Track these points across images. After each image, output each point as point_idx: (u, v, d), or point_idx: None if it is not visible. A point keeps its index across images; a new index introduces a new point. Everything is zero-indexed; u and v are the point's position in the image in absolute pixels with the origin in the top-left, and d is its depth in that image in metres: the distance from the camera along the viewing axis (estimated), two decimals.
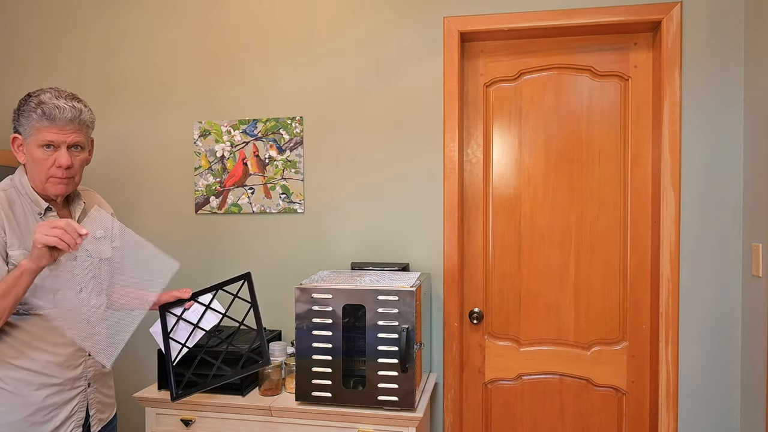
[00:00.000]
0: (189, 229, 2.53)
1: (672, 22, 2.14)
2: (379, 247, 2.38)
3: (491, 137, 2.40)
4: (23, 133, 1.59)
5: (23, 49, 2.67)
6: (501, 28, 2.25)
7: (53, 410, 1.60)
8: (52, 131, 1.57)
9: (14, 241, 1.55)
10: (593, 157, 2.32)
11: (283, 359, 2.14)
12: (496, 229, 2.40)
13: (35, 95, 1.60)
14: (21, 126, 1.59)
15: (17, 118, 1.61)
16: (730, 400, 2.16)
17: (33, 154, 1.58)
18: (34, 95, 1.60)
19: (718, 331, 2.16)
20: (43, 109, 1.56)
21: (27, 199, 1.61)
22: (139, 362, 2.58)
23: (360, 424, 1.90)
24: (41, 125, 1.57)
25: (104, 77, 2.60)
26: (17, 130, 1.61)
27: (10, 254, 1.54)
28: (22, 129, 1.59)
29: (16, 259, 1.54)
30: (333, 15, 2.40)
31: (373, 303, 1.89)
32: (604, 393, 2.34)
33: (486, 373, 2.41)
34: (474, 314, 2.40)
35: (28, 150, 1.59)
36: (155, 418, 2.06)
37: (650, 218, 2.29)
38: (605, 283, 2.32)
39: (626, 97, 2.29)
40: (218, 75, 2.50)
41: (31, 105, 1.57)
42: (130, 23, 2.57)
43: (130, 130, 2.58)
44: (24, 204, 1.60)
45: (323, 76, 2.41)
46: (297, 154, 2.42)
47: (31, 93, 1.62)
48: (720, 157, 2.14)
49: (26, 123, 1.58)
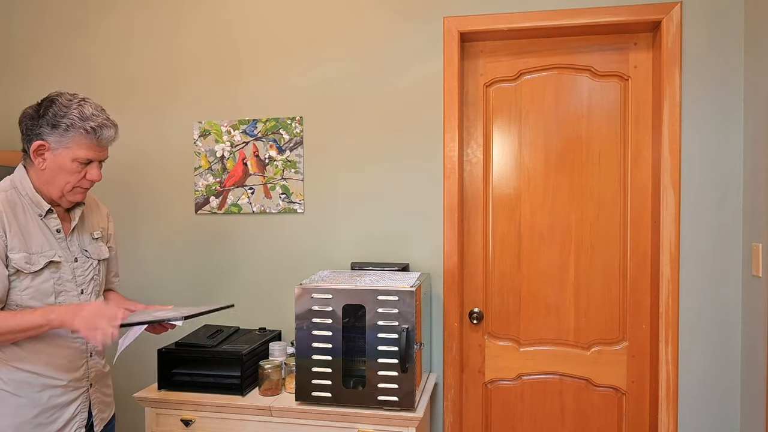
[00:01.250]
0: (189, 229, 2.53)
1: (672, 22, 2.14)
2: (379, 247, 2.38)
3: (491, 137, 2.40)
4: (53, 143, 1.54)
5: (23, 49, 2.67)
6: (501, 28, 2.25)
7: (57, 411, 1.60)
8: (94, 149, 1.57)
9: (15, 244, 1.53)
10: (593, 157, 2.32)
11: (283, 359, 2.14)
12: (496, 229, 2.40)
13: (74, 105, 1.55)
14: (53, 135, 1.53)
15: (48, 126, 1.53)
16: (730, 400, 2.16)
17: (62, 164, 1.55)
18: (73, 106, 1.55)
19: (718, 331, 2.16)
20: (91, 126, 1.55)
21: (28, 200, 1.59)
22: (139, 362, 2.58)
23: (360, 424, 1.90)
24: (85, 142, 1.55)
25: (104, 77, 2.60)
26: (42, 137, 1.54)
27: (11, 257, 1.52)
28: (54, 138, 1.53)
29: (16, 263, 1.52)
30: (333, 15, 2.40)
31: (373, 303, 1.89)
32: (604, 393, 2.34)
33: (486, 373, 2.41)
34: (474, 314, 2.40)
35: (56, 159, 1.55)
36: (155, 418, 2.06)
37: (650, 218, 2.29)
38: (605, 283, 2.32)
39: (626, 97, 2.29)
40: (218, 75, 2.50)
41: (74, 118, 1.53)
42: (130, 24, 2.57)
43: (130, 130, 2.58)
44: (25, 205, 1.58)
45: (323, 76, 2.41)
46: (297, 154, 2.42)
47: (61, 100, 1.55)
48: (720, 157, 2.14)
49: (64, 134, 1.53)
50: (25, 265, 1.53)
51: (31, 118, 1.56)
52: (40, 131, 1.54)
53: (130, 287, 2.58)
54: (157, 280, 2.56)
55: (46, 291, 1.57)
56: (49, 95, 1.59)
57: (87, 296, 1.68)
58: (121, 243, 2.58)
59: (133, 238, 2.57)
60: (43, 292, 1.57)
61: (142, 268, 2.57)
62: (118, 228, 2.58)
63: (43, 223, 1.60)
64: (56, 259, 1.59)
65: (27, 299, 1.53)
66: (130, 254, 2.58)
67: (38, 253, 1.56)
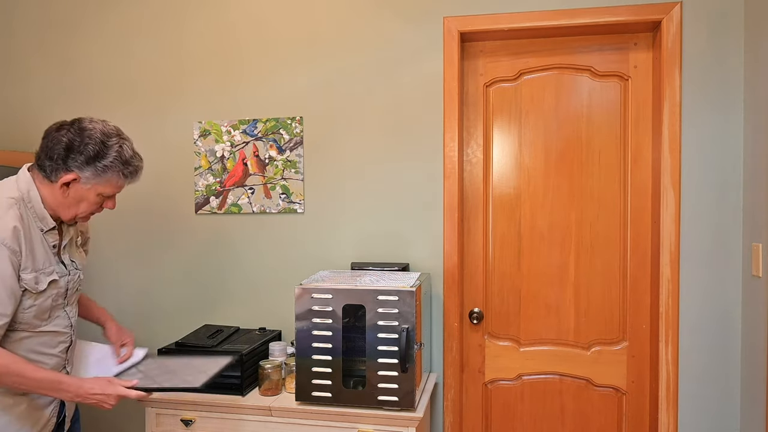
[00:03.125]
0: (189, 229, 2.53)
1: (672, 22, 2.14)
2: (379, 247, 2.38)
3: (491, 137, 2.40)
4: (85, 179, 1.53)
5: (24, 49, 2.67)
6: (501, 28, 2.25)
7: (36, 412, 1.61)
8: (121, 187, 1.60)
9: (27, 264, 1.50)
10: (593, 157, 2.32)
11: (283, 359, 2.14)
12: (496, 229, 2.40)
13: (114, 146, 1.54)
14: (87, 172, 1.52)
15: (85, 163, 1.52)
16: (730, 400, 2.16)
17: (86, 197, 1.56)
18: (113, 146, 1.54)
19: (718, 331, 2.16)
20: (129, 171, 1.57)
21: (33, 213, 1.54)
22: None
23: (360, 424, 1.90)
24: (118, 183, 1.58)
25: (104, 77, 2.60)
26: (76, 171, 1.52)
27: (22, 277, 1.49)
28: (87, 174, 1.53)
29: (26, 283, 1.49)
30: (333, 15, 2.40)
31: (373, 303, 1.89)
32: (604, 393, 2.34)
33: (486, 373, 2.41)
34: (474, 314, 2.40)
35: (80, 191, 1.55)
36: (155, 418, 2.06)
37: (650, 218, 2.29)
38: (605, 283, 2.32)
39: (626, 97, 2.29)
40: (218, 75, 2.50)
41: (115, 161, 1.54)
42: (130, 24, 2.57)
43: (131, 130, 2.58)
44: (30, 219, 1.54)
45: (323, 76, 2.41)
46: (297, 154, 2.42)
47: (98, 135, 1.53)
48: (720, 157, 2.14)
49: (100, 174, 1.53)
50: (34, 285, 1.51)
51: (66, 148, 1.51)
52: (75, 165, 1.52)
53: (130, 287, 2.58)
54: (157, 280, 2.56)
55: (45, 308, 1.57)
56: (84, 125, 1.55)
57: (71, 308, 1.68)
58: (121, 243, 2.58)
59: (133, 238, 2.57)
60: (43, 309, 1.56)
61: (142, 268, 2.57)
62: (118, 228, 2.58)
63: (43, 237, 1.57)
64: (55, 277, 1.58)
65: (30, 317, 1.53)
66: (130, 254, 2.58)
67: (42, 271, 1.54)
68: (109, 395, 1.54)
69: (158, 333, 2.56)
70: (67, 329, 1.65)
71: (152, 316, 2.57)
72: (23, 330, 1.53)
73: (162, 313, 2.56)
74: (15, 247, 1.45)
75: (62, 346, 1.64)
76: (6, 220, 1.45)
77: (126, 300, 2.58)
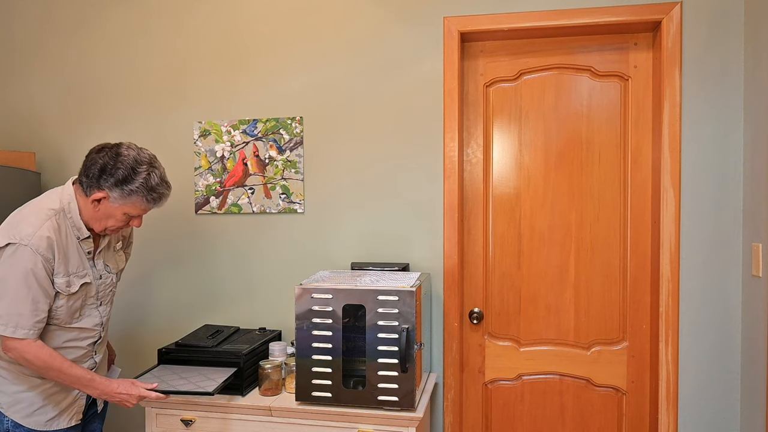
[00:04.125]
0: (189, 229, 2.53)
1: (672, 22, 2.14)
2: (379, 247, 2.38)
3: (491, 137, 2.40)
4: (113, 199, 1.69)
5: (23, 49, 2.67)
6: (501, 28, 2.25)
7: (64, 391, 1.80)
8: (146, 210, 1.76)
9: (60, 269, 1.67)
10: (593, 157, 2.32)
11: (283, 359, 2.14)
12: (496, 229, 2.40)
13: (142, 173, 1.69)
14: (115, 192, 1.68)
15: (114, 185, 1.67)
16: (730, 400, 2.16)
17: (113, 214, 1.72)
18: (141, 173, 1.68)
19: (718, 331, 2.16)
20: (153, 197, 1.72)
21: (71, 223, 1.72)
22: (140, 362, 2.58)
23: (360, 424, 1.90)
24: (142, 206, 1.73)
25: (104, 77, 2.60)
26: (106, 190, 1.68)
27: (55, 281, 1.66)
28: (115, 195, 1.68)
29: (58, 286, 1.67)
30: (333, 15, 2.40)
31: (373, 303, 1.89)
32: (604, 393, 2.34)
33: (486, 373, 2.41)
34: (474, 314, 2.40)
35: (109, 209, 1.71)
36: (155, 418, 2.06)
37: (650, 218, 2.29)
38: (605, 283, 2.32)
39: (626, 97, 2.29)
40: (218, 75, 2.50)
41: (140, 187, 1.68)
42: (130, 24, 2.57)
43: (131, 130, 2.58)
44: (68, 227, 1.71)
45: (323, 76, 2.41)
46: (297, 154, 2.42)
47: (130, 161, 1.68)
48: (720, 157, 2.14)
49: (126, 197, 1.69)
50: (65, 288, 1.69)
51: (101, 169, 1.68)
52: (106, 185, 1.68)
53: (130, 288, 2.58)
54: (157, 280, 2.56)
55: (75, 308, 1.75)
56: (120, 150, 1.70)
57: (105, 307, 1.86)
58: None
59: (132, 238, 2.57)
60: (73, 309, 1.74)
61: (142, 268, 2.57)
62: None
63: (79, 244, 1.74)
64: (87, 280, 1.75)
65: (62, 314, 1.71)
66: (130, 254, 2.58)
67: (75, 274, 1.72)
68: (132, 395, 1.75)
69: (158, 333, 2.56)
70: (96, 327, 1.83)
71: (152, 316, 2.57)
72: (55, 325, 1.71)
73: (162, 313, 2.56)
74: (48, 255, 1.64)
75: (89, 341, 1.82)
76: (42, 231, 1.63)
77: (126, 300, 2.58)
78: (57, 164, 2.64)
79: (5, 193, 2.28)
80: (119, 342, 2.59)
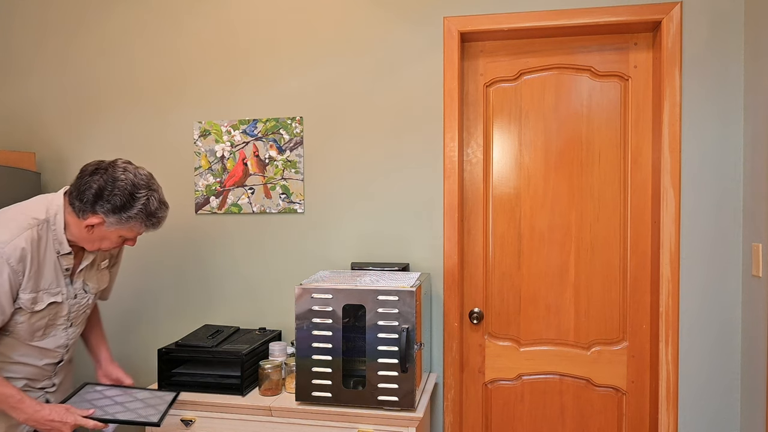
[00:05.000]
0: (189, 229, 2.53)
1: (672, 22, 2.14)
2: (379, 247, 2.38)
3: (491, 137, 2.40)
4: (109, 224, 1.60)
5: (23, 50, 2.68)
6: (501, 28, 2.25)
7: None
8: (141, 233, 1.68)
9: (28, 285, 1.57)
10: (593, 157, 2.32)
11: (283, 359, 2.14)
12: (496, 229, 2.40)
13: (142, 198, 1.59)
14: (112, 218, 1.59)
15: (110, 211, 1.58)
16: (730, 400, 2.16)
17: (108, 237, 1.64)
18: (140, 198, 1.59)
19: (718, 331, 2.16)
20: (152, 223, 1.64)
21: (53, 235, 1.61)
22: (139, 362, 2.58)
23: (360, 424, 1.90)
24: (140, 230, 1.65)
25: (104, 77, 2.60)
26: (101, 215, 1.59)
27: (20, 296, 1.56)
28: (112, 220, 1.60)
29: (23, 302, 1.56)
30: (333, 15, 2.40)
31: (373, 303, 1.89)
32: (604, 393, 2.34)
33: (486, 373, 2.41)
34: (474, 314, 2.40)
35: (104, 232, 1.62)
36: None
37: (650, 218, 2.29)
38: (605, 283, 2.32)
39: (626, 97, 2.29)
40: (218, 75, 2.50)
41: (139, 213, 1.60)
42: (130, 24, 2.57)
43: (131, 130, 2.58)
44: (48, 240, 1.60)
45: (323, 76, 2.41)
46: (297, 154, 2.42)
47: (127, 186, 1.58)
48: (720, 157, 2.14)
49: (124, 223, 1.60)
50: (30, 305, 1.58)
51: (96, 194, 1.57)
52: (102, 211, 1.59)
53: (130, 288, 2.58)
54: (156, 280, 2.56)
55: (39, 327, 1.63)
56: (117, 174, 1.59)
57: (74, 329, 1.74)
58: None
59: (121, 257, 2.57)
60: (36, 327, 1.62)
61: (141, 268, 2.57)
62: None
63: (57, 260, 1.63)
64: (58, 299, 1.64)
65: (21, 331, 1.59)
66: (130, 254, 2.58)
67: (45, 290, 1.61)
68: (66, 423, 1.57)
69: (158, 333, 2.56)
70: (59, 349, 1.72)
71: (152, 316, 2.57)
72: (12, 338, 1.59)
73: (162, 313, 2.56)
74: (18, 267, 1.53)
75: (48, 361, 1.69)
76: (18, 241, 1.53)
77: (126, 300, 2.58)
78: (57, 164, 2.64)
79: (5, 193, 2.28)
80: (119, 342, 2.59)
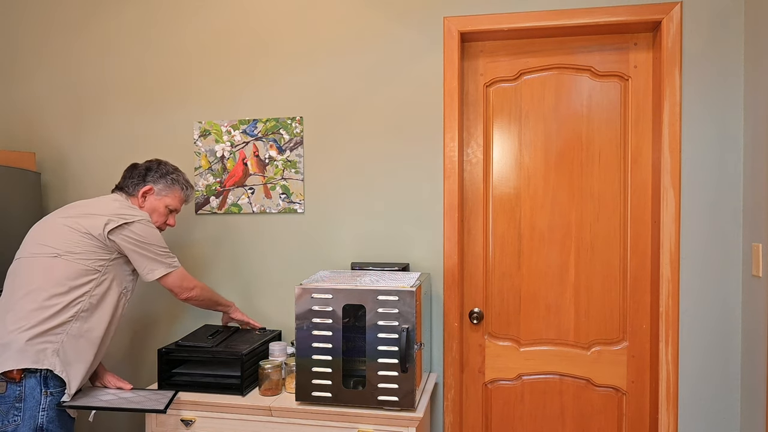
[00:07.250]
0: (189, 229, 2.53)
1: (672, 22, 2.14)
2: (379, 247, 2.38)
3: (491, 137, 2.40)
4: (157, 190, 2.07)
5: (23, 49, 2.68)
6: (501, 28, 2.25)
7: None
8: (180, 203, 2.14)
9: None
10: (593, 157, 2.32)
11: (283, 359, 2.14)
12: (496, 229, 2.40)
13: (178, 171, 2.14)
14: (160, 184, 2.07)
15: (159, 177, 2.07)
16: (730, 400, 2.16)
17: (157, 207, 2.08)
18: (178, 171, 2.13)
19: (718, 331, 2.16)
20: (188, 192, 2.16)
21: None
22: (139, 362, 2.58)
23: (360, 424, 1.90)
24: (179, 196, 2.12)
25: (104, 77, 2.60)
26: (152, 183, 2.06)
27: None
28: (160, 187, 2.07)
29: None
30: (333, 15, 2.40)
31: (373, 303, 1.89)
32: (604, 393, 2.34)
33: (486, 373, 2.41)
34: (474, 314, 2.40)
35: (154, 202, 2.07)
36: (155, 418, 2.06)
37: (650, 218, 2.29)
38: (605, 283, 2.32)
39: (626, 97, 2.29)
40: (218, 75, 2.50)
41: (179, 178, 2.12)
42: (129, 23, 2.57)
43: (131, 130, 2.58)
44: None
45: (323, 76, 2.41)
46: (297, 154, 2.42)
47: (167, 167, 2.11)
48: (720, 157, 2.14)
49: (170, 186, 2.09)
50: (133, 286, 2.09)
51: (146, 169, 2.08)
52: (152, 179, 2.07)
53: None
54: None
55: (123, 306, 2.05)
56: (160, 160, 2.13)
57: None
58: None
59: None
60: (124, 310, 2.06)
61: None
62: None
63: None
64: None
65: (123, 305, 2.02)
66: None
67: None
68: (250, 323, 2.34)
69: (158, 333, 2.56)
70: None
71: (152, 316, 2.57)
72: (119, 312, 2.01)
73: (162, 313, 2.56)
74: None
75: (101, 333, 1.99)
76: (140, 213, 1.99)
77: None
78: (57, 164, 2.64)
79: (5, 193, 2.29)
80: (119, 342, 2.59)
